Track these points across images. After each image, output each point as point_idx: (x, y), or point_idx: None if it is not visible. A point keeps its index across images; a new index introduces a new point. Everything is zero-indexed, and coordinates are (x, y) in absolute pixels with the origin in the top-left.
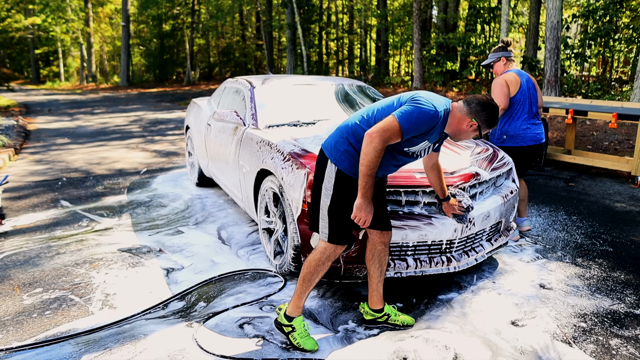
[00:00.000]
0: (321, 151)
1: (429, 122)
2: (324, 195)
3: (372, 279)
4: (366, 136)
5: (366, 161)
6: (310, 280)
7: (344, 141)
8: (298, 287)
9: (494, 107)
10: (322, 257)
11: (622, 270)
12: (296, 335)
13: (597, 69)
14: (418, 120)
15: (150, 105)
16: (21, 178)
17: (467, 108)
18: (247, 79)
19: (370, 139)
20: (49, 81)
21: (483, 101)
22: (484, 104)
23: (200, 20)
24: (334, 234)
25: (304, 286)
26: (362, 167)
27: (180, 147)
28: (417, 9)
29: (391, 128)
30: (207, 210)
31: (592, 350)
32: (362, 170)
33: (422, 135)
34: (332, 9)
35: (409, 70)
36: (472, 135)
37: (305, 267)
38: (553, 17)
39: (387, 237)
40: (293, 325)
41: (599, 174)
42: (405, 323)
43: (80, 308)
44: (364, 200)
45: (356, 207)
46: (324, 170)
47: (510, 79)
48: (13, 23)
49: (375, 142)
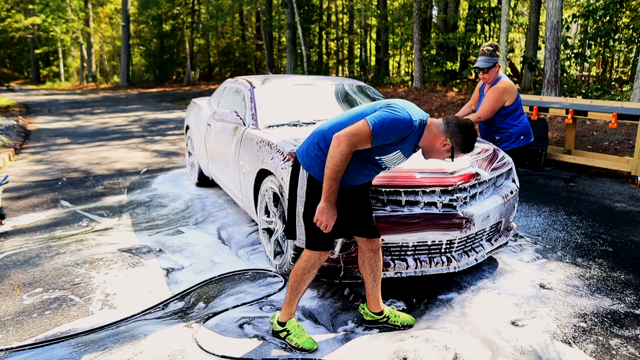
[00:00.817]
0: (295, 157)
1: (402, 131)
2: (298, 202)
3: (367, 284)
4: (334, 139)
5: (331, 164)
6: (297, 288)
7: (314, 146)
8: (288, 295)
9: (472, 132)
10: (307, 265)
11: (622, 270)
12: (292, 337)
13: (597, 69)
14: (391, 126)
15: (150, 105)
16: (21, 178)
17: (444, 127)
18: (247, 79)
19: (338, 142)
20: (49, 81)
21: (462, 123)
22: (463, 126)
23: (200, 20)
24: (311, 240)
25: (293, 294)
26: (327, 170)
27: (180, 147)
28: (417, 9)
29: (361, 132)
30: (207, 210)
31: (592, 350)
32: (327, 173)
33: (394, 143)
34: (332, 9)
35: (409, 70)
36: (444, 156)
37: (292, 276)
38: (553, 17)
39: (375, 245)
40: (287, 329)
41: (599, 174)
42: (405, 323)
43: (80, 308)
44: (327, 204)
45: (318, 210)
46: (297, 176)
47: (509, 90)
48: (13, 23)
49: (343, 146)
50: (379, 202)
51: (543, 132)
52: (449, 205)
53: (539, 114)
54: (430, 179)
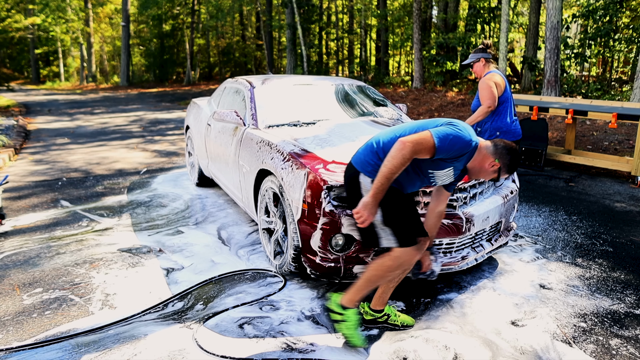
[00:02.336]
0: (350, 166)
1: (461, 148)
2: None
3: (391, 282)
4: (399, 142)
5: (390, 164)
6: (375, 282)
7: (374, 156)
8: (360, 283)
9: (518, 155)
10: (394, 264)
11: (622, 270)
12: (343, 327)
13: (597, 69)
14: (453, 142)
15: (150, 105)
16: (21, 178)
17: (493, 148)
18: (247, 79)
19: (403, 146)
20: (49, 81)
21: (509, 146)
22: (510, 149)
23: (200, 20)
24: (402, 237)
25: (366, 286)
26: (384, 168)
27: (180, 147)
28: (417, 9)
29: (425, 142)
30: (207, 210)
31: (592, 350)
32: (383, 171)
33: (450, 159)
34: (332, 9)
35: (409, 70)
36: (491, 177)
37: (374, 270)
38: (553, 17)
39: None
40: (346, 318)
41: (599, 174)
42: (405, 323)
43: (80, 308)
44: (372, 200)
45: (362, 203)
46: (356, 185)
47: (497, 80)
48: (13, 23)
49: (406, 150)
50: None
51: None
52: (449, 205)
53: (539, 114)
54: None
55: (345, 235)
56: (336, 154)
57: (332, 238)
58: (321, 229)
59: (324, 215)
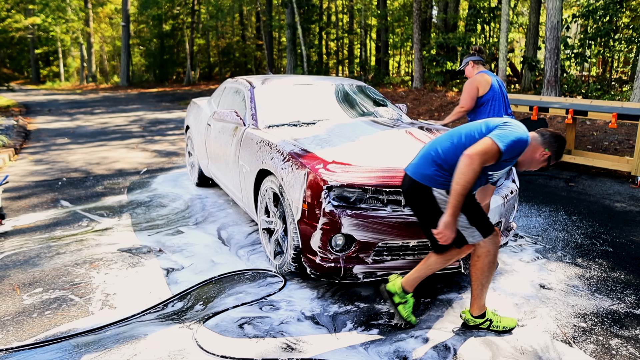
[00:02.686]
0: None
1: (521, 147)
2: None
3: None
4: (466, 157)
5: (463, 181)
6: (487, 283)
7: (438, 169)
8: (477, 292)
9: (564, 141)
10: (489, 259)
11: (622, 270)
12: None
13: (597, 69)
14: (514, 144)
15: (150, 105)
16: (21, 178)
17: (541, 138)
18: (247, 79)
19: (471, 161)
20: (49, 81)
21: (556, 134)
22: (557, 136)
23: (200, 20)
24: (484, 229)
25: (483, 290)
26: (458, 187)
27: (180, 147)
28: (417, 9)
29: (490, 150)
30: (207, 210)
31: (592, 350)
32: (457, 189)
33: (511, 159)
34: (332, 9)
35: (409, 70)
36: (540, 166)
37: (479, 276)
38: (553, 17)
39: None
40: (488, 319)
41: (599, 174)
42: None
43: (80, 308)
44: (452, 219)
45: (444, 224)
46: (430, 200)
47: (480, 80)
48: (13, 23)
49: (475, 164)
50: (379, 202)
51: None
52: None
53: (539, 114)
54: None
55: (345, 235)
56: (336, 154)
57: (332, 238)
58: (321, 229)
59: (324, 215)
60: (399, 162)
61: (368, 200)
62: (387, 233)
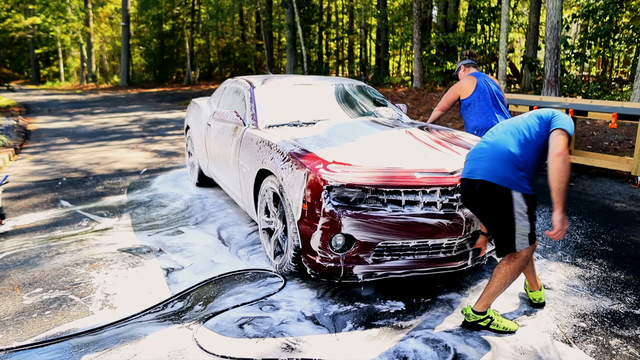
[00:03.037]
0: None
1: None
2: (519, 220)
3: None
4: (558, 157)
5: (565, 178)
6: (509, 284)
7: (515, 169)
8: (494, 289)
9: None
10: (522, 264)
11: (622, 270)
12: (497, 322)
13: (597, 69)
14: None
15: (150, 105)
16: (21, 178)
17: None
18: (247, 79)
19: (564, 159)
20: (49, 81)
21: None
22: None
23: (200, 20)
24: (533, 237)
25: (501, 289)
26: (562, 185)
27: (180, 147)
28: (417, 9)
29: (566, 143)
30: (207, 210)
31: (592, 350)
32: (562, 188)
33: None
34: (332, 9)
35: (409, 70)
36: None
37: (506, 275)
38: (553, 17)
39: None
40: (489, 316)
41: (599, 174)
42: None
43: (80, 308)
44: (564, 214)
45: (560, 221)
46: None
47: (462, 84)
48: (13, 23)
49: (568, 161)
50: (379, 202)
51: None
52: (449, 205)
53: None
54: (430, 179)
55: (345, 235)
56: (336, 154)
57: (332, 238)
58: (321, 229)
59: (324, 216)
60: (399, 162)
61: (368, 200)
62: (387, 233)
